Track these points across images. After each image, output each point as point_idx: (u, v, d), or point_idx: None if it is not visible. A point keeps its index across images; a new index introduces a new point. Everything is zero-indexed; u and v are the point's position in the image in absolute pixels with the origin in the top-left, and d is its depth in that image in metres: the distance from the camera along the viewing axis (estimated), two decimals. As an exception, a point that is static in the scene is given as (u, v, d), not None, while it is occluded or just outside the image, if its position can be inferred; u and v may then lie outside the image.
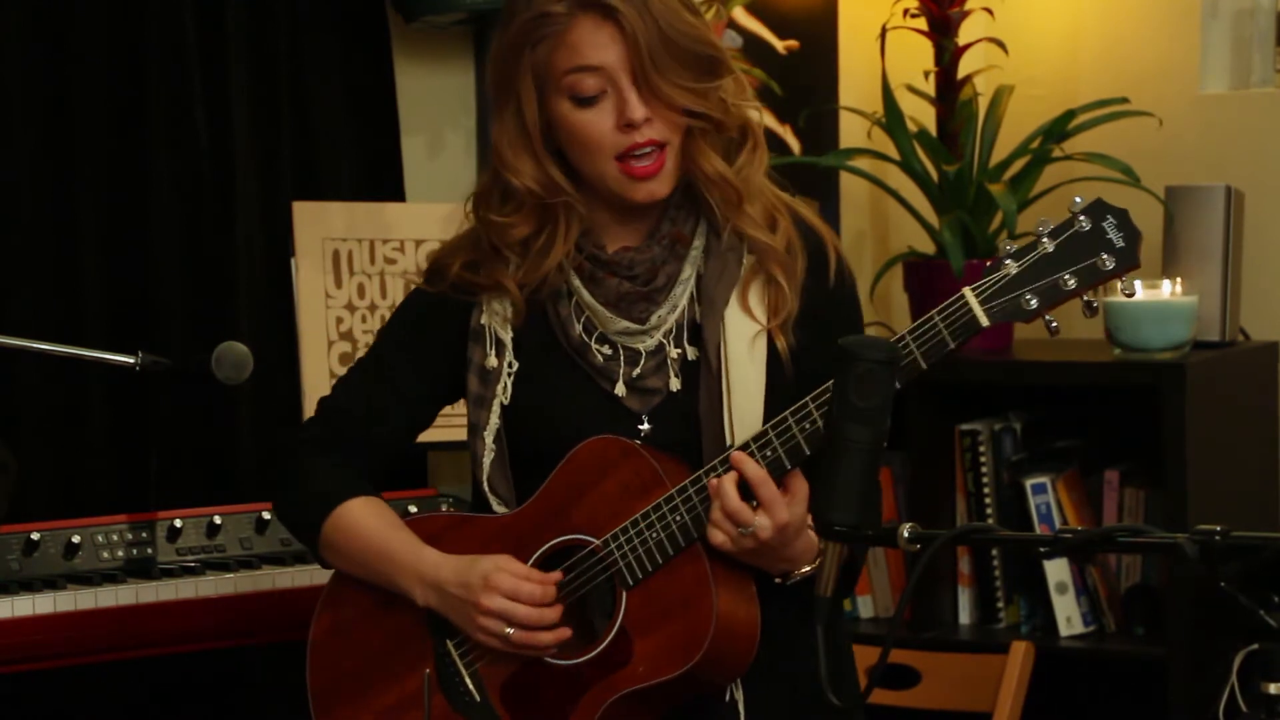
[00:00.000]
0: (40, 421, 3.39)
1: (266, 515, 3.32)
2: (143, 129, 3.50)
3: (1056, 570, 3.93)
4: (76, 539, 3.15)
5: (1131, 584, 3.95)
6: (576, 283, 2.64)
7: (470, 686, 2.64)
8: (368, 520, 2.67)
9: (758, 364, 2.61)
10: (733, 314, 2.62)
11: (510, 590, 2.56)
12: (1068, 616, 3.94)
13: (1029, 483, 3.95)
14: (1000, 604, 4.00)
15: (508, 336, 2.67)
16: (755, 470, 2.49)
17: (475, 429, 2.67)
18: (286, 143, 3.67)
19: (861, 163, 4.20)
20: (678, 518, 2.53)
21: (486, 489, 2.67)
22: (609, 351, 2.65)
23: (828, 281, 2.66)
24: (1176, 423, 3.74)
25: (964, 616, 4.03)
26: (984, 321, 2.45)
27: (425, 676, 2.62)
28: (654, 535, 2.54)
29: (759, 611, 2.57)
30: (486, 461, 2.67)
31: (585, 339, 2.64)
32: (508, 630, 2.55)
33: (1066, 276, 2.44)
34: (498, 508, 2.66)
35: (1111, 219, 2.46)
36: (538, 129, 2.60)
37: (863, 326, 2.74)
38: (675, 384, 2.63)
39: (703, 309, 2.63)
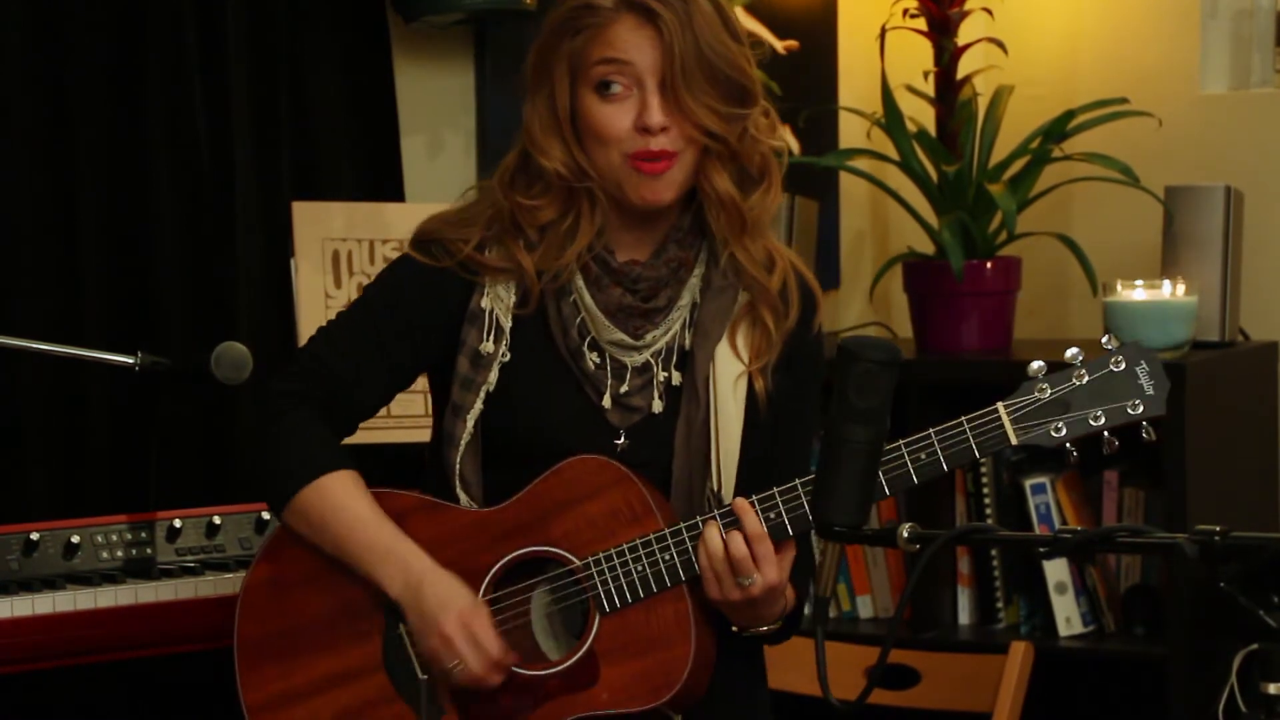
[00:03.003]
0: (40, 421, 3.39)
1: (266, 515, 3.32)
2: (143, 129, 3.49)
3: (1056, 570, 3.93)
4: (76, 539, 3.15)
5: (1131, 584, 3.95)
6: (580, 283, 2.65)
7: (419, 675, 2.63)
8: (350, 499, 2.64)
9: (739, 403, 2.65)
10: (722, 350, 2.66)
11: (478, 636, 2.56)
12: (1067, 617, 3.94)
13: (1028, 483, 3.95)
14: (1000, 604, 4.00)
15: (508, 324, 2.66)
16: (756, 525, 2.53)
17: (458, 410, 2.66)
18: (286, 143, 3.67)
19: (861, 163, 4.20)
20: (667, 557, 2.55)
21: (456, 472, 2.66)
22: (598, 360, 2.65)
23: (810, 333, 2.71)
24: (1176, 423, 3.74)
25: (963, 617, 4.03)
26: (1014, 441, 2.51)
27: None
28: (639, 569, 2.56)
29: (715, 648, 2.60)
30: (463, 444, 2.65)
31: (579, 342, 2.65)
32: (452, 663, 2.56)
33: (1097, 413, 2.51)
34: (460, 493, 2.66)
35: (1145, 365, 2.53)
36: (568, 115, 2.62)
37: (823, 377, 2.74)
38: (658, 406, 2.66)
39: (696, 339, 2.66)
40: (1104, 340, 2.53)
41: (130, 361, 3.07)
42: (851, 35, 4.43)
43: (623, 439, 2.65)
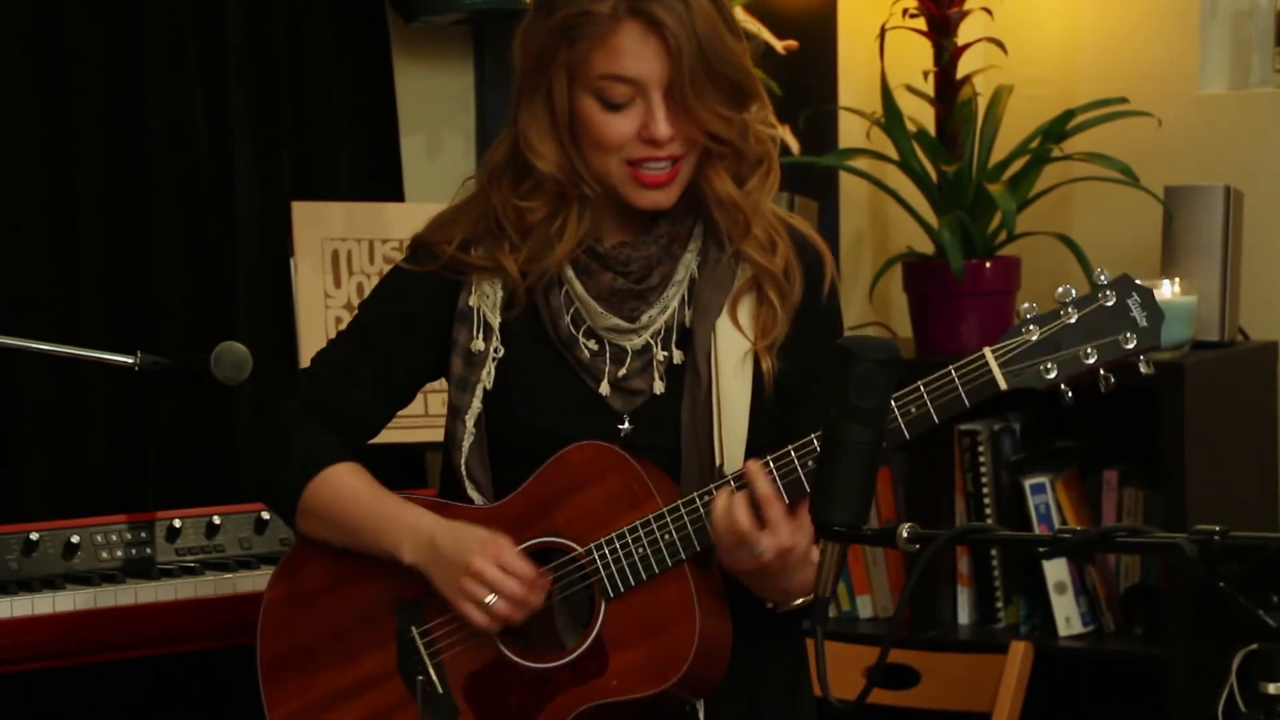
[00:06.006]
0: (40, 421, 3.39)
1: (266, 515, 3.32)
2: (142, 129, 3.49)
3: (1055, 570, 3.93)
4: (75, 539, 3.15)
5: (1130, 584, 3.95)
6: (570, 274, 2.62)
7: (433, 677, 2.63)
8: (354, 483, 2.65)
9: (745, 380, 2.60)
10: (724, 326, 2.61)
11: (506, 561, 2.54)
12: (1067, 616, 3.94)
13: (1028, 483, 3.95)
14: (999, 604, 4.00)
15: (496, 321, 2.65)
16: (767, 487, 2.47)
17: (456, 411, 2.65)
18: (285, 143, 3.67)
19: (861, 163, 4.20)
20: (666, 536, 2.52)
21: (463, 472, 2.65)
22: (595, 347, 2.63)
23: (821, 297, 2.66)
24: (1176, 423, 3.74)
25: (963, 616, 4.03)
26: (1003, 385, 2.46)
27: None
28: (640, 550, 2.53)
29: (731, 629, 2.56)
30: (465, 444, 2.64)
31: (573, 332, 2.63)
32: (489, 597, 2.53)
33: (1088, 349, 2.45)
34: (472, 493, 2.64)
35: (1136, 296, 2.48)
36: (566, 118, 2.57)
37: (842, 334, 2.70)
38: (659, 387, 2.62)
39: (695, 314, 2.61)
40: (1096, 274, 2.48)
41: (130, 361, 3.07)
42: (851, 35, 4.43)
43: (626, 423, 2.62)
